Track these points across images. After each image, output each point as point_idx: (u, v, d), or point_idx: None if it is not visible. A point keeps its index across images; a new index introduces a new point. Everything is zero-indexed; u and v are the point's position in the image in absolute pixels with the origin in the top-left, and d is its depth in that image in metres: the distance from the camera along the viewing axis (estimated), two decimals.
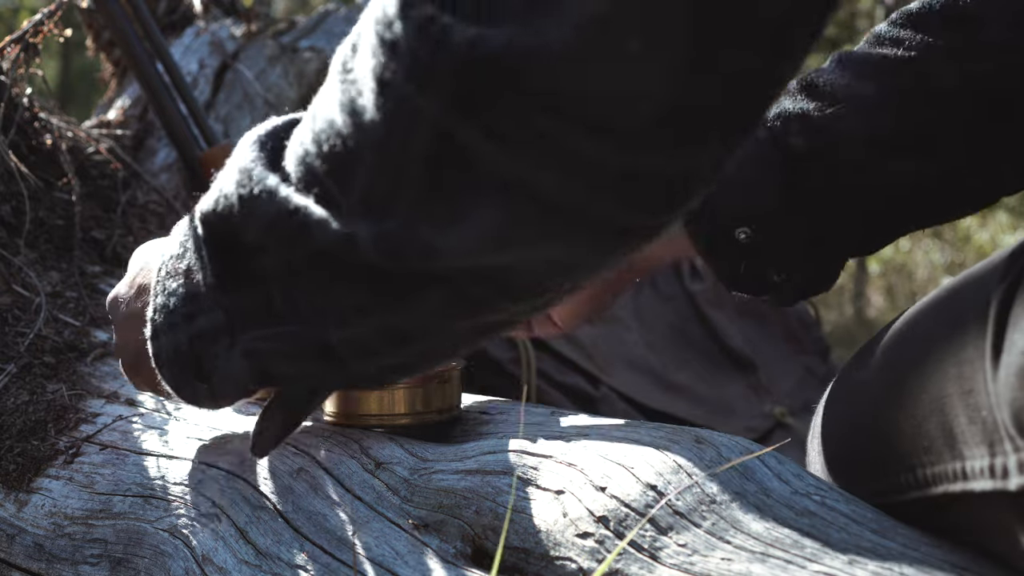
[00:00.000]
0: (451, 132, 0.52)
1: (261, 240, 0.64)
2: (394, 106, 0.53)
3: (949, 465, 0.65)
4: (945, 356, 0.65)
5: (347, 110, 0.56)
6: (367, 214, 0.57)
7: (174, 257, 0.72)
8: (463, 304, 0.61)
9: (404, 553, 0.77)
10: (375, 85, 0.54)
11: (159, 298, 0.73)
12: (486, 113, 0.51)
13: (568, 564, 0.71)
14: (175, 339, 0.73)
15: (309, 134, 0.60)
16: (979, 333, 0.61)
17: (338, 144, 0.57)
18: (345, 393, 0.93)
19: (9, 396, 1.09)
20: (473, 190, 0.54)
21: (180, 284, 0.71)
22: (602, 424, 0.85)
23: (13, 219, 1.30)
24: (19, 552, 0.99)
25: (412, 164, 0.54)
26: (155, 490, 0.95)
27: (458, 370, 0.96)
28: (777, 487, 0.72)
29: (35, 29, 1.38)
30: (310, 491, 0.85)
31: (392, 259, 0.58)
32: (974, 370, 0.61)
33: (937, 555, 0.65)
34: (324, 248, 0.60)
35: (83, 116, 1.87)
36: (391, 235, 0.57)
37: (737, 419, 1.93)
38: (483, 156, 0.52)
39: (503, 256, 0.57)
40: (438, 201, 0.55)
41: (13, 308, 1.20)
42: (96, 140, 1.55)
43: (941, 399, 0.65)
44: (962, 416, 0.63)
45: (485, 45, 0.49)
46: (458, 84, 0.50)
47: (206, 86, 1.75)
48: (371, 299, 0.61)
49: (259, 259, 0.65)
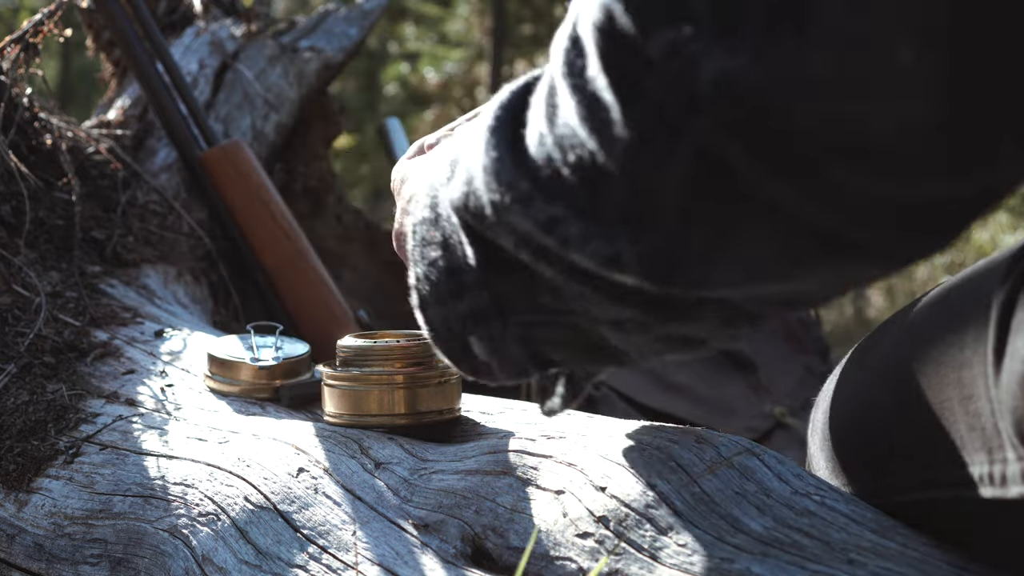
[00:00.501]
0: (713, 157, 0.48)
1: (518, 248, 0.59)
2: (649, 129, 0.50)
3: (947, 470, 0.64)
4: (945, 359, 0.64)
5: (591, 126, 0.52)
6: (628, 234, 0.53)
7: (426, 223, 0.66)
8: (741, 317, 0.58)
9: (404, 553, 0.77)
10: (620, 105, 0.50)
11: (419, 267, 0.68)
12: (748, 141, 0.48)
13: (568, 564, 0.71)
14: (444, 314, 0.67)
15: (550, 135, 0.56)
16: (979, 336, 0.60)
17: (586, 157, 0.53)
18: (345, 393, 0.93)
19: (9, 396, 1.09)
20: (736, 218, 0.50)
21: (439, 256, 0.66)
22: (602, 424, 0.85)
23: (13, 219, 1.30)
24: (19, 552, 0.99)
25: (672, 188, 0.51)
26: (155, 490, 0.95)
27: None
28: (777, 487, 0.72)
29: (35, 29, 1.38)
30: (310, 491, 0.85)
31: (661, 284, 0.54)
32: (974, 375, 0.61)
33: (936, 555, 0.65)
34: (586, 267, 0.56)
35: (83, 116, 1.87)
36: (657, 258, 0.53)
37: (737, 419, 1.93)
38: (747, 183, 0.49)
39: (769, 287, 0.54)
40: (701, 227, 0.51)
41: (13, 308, 1.20)
42: (96, 140, 1.55)
43: (941, 403, 0.64)
44: (962, 422, 0.62)
45: (741, 79, 0.46)
46: (717, 114, 0.47)
47: (206, 86, 1.75)
48: (644, 315, 0.57)
49: (519, 255, 0.61)
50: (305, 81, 1.86)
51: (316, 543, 0.81)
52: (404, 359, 0.93)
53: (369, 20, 2.02)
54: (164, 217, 1.51)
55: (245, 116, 1.75)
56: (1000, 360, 0.58)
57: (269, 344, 1.11)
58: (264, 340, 1.12)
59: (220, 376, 1.09)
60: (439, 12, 7.74)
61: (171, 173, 1.59)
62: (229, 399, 1.07)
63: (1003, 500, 0.60)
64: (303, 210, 1.86)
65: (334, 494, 0.84)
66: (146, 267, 1.42)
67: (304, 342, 1.15)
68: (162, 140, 1.63)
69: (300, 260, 1.57)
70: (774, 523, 0.68)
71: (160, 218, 1.51)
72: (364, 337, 0.95)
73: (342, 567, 0.78)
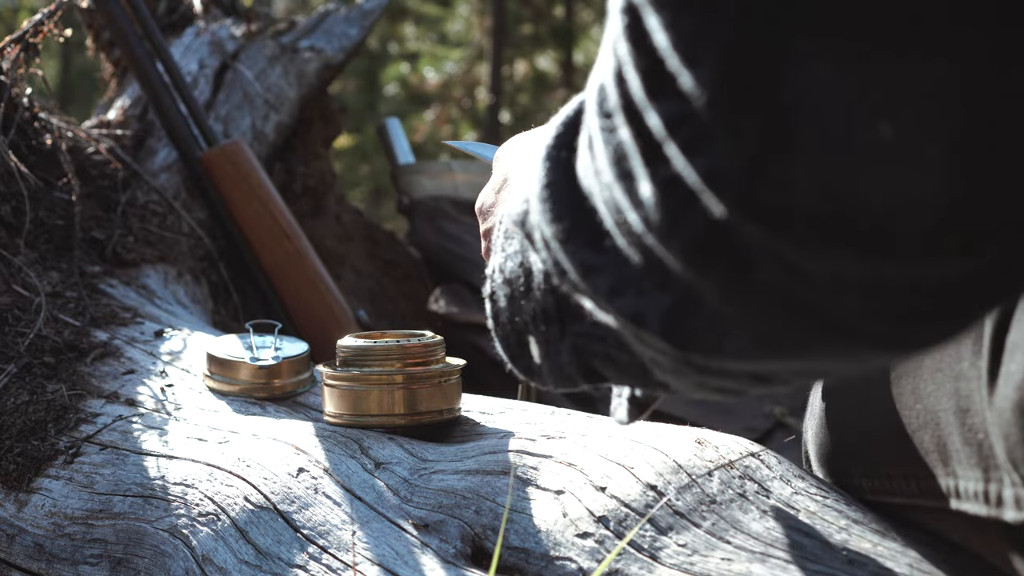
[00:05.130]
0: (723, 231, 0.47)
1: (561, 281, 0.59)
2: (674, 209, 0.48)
3: (942, 480, 0.64)
4: (941, 367, 0.64)
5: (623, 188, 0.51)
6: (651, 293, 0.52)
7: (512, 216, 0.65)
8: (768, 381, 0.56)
9: (404, 553, 0.77)
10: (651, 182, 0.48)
11: (497, 256, 0.68)
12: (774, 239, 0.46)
13: (568, 564, 0.71)
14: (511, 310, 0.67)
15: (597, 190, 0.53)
16: (977, 350, 0.60)
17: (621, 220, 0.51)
18: (345, 393, 0.93)
19: (9, 396, 1.09)
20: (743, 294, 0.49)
21: (516, 251, 0.66)
22: (602, 424, 0.85)
23: (13, 219, 1.30)
24: (19, 552, 0.99)
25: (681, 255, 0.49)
26: (155, 490, 0.95)
27: (458, 370, 0.96)
28: (777, 487, 0.72)
29: (35, 29, 1.38)
30: (310, 491, 0.85)
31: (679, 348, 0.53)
32: (970, 390, 0.60)
33: (936, 555, 0.65)
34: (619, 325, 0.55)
35: (83, 116, 1.87)
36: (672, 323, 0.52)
37: (737, 419, 1.93)
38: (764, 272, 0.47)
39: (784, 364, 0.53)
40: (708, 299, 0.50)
41: (13, 308, 1.20)
42: (96, 140, 1.55)
43: (936, 412, 0.64)
44: (956, 435, 0.62)
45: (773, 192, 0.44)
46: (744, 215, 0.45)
47: (206, 86, 1.75)
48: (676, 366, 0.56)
49: None
50: (305, 81, 1.86)
51: (316, 543, 0.81)
52: (404, 359, 0.93)
53: (369, 20, 2.02)
54: (164, 217, 1.51)
55: (245, 116, 1.75)
56: (994, 381, 0.57)
57: (268, 344, 1.11)
58: (263, 340, 1.12)
59: (220, 376, 1.09)
60: (439, 12, 7.74)
61: (171, 173, 1.59)
62: (229, 399, 1.07)
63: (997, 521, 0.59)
64: (303, 210, 1.86)
65: (334, 494, 0.84)
66: (146, 267, 1.42)
67: (303, 341, 1.15)
68: (162, 140, 1.63)
69: (300, 260, 1.57)
70: (774, 523, 0.68)
71: (160, 218, 1.51)
72: (364, 337, 0.95)
73: (342, 567, 0.78)
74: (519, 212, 0.62)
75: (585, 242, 0.55)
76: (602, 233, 0.53)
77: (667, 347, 0.53)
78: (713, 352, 0.52)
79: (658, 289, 0.52)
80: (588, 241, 0.54)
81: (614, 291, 0.54)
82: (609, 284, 0.54)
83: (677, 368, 0.56)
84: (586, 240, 0.55)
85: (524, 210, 0.61)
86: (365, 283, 1.99)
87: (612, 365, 0.62)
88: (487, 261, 0.77)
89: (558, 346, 0.65)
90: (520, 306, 0.66)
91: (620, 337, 0.59)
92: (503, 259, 0.67)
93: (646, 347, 0.56)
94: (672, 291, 0.51)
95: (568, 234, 0.55)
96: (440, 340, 0.96)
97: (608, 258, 0.53)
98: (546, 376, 0.68)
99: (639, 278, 0.52)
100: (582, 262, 0.55)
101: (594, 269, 0.54)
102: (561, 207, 0.56)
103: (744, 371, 0.54)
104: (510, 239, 0.67)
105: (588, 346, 0.63)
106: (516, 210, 0.62)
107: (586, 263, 0.55)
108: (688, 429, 0.80)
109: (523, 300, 0.65)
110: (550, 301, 0.63)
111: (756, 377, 0.55)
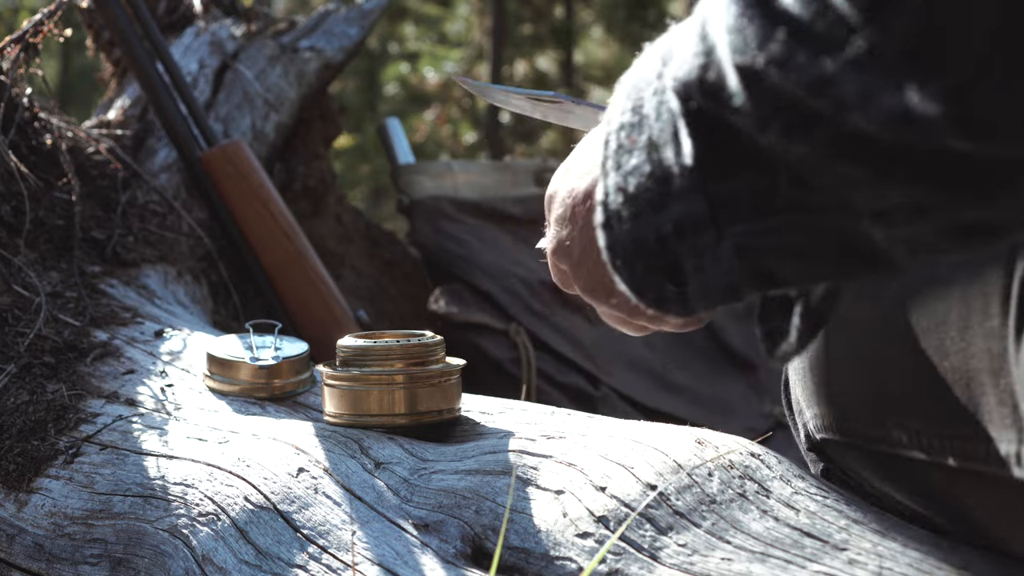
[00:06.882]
0: None
1: (765, 119, 0.51)
2: None
3: (970, 443, 0.62)
4: (969, 323, 0.61)
5: None
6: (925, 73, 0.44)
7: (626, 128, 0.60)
8: None
9: (404, 553, 0.77)
10: None
11: (611, 177, 0.61)
12: None
13: (568, 564, 0.71)
14: (638, 229, 0.60)
15: None
16: (1005, 308, 0.57)
17: None
18: (345, 393, 0.93)
19: (9, 396, 1.09)
20: None
21: (642, 161, 0.59)
22: (602, 424, 0.85)
23: (13, 219, 1.30)
24: (19, 552, 0.99)
25: None
26: (155, 490, 0.95)
27: (458, 370, 0.96)
28: (777, 487, 0.72)
29: (35, 29, 1.38)
30: (310, 491, 0.85)
31: (979, 141, 0.44)
32: (1003, 348, 0.58)
33: (936, 554, 0.65)
34: (862, 131, 0.47)
35: (83, 116, 1.87)
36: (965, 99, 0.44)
37: (737, 419, 1.93)
38: None
39: None
40: None
41: (13, 308, 1.20)
42: (96, 140, 1.55)
43: (967, 371, 0.61)
44: (991, 395, 0.60)
45: None
46: None
47: (206, 86, 1.75)
48: (934, 195, 0.48)
49: (761, 139, 0.52)
50: (305, 81, 1.86)
51: (316, 543, 0.81)
52: (404, 359, 0.93)
53: (369, 20, 2.02)
54: (164, 217, 1.51)
55: (245, 116, 1.75)
56: (1020, 338, 0.55)
57: (268, 344, 1.11)
58: (263, 340, 1.12)
59: (220, 376, 1.09)
60: (439, 12, 7.74)
61: (171, 173, 1.59)
62: (229, 399, 1.07)
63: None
64: (303, 210, 1.86)
65: (334, 494, 0.84)
66: (146, 267, 1.42)
67: (303, 341, 1.15)
68: (162, 140, 1.63)
69: (300, 260, 1.57)
70: (774, 523, 0.68)
71: (160, 218, 1.51)
72: (364, 337, 0.95)
73: (342, 567, 0.78)
74: (686, 73, 0.54)
75: (811, 56, 0.48)
76: (829, 43, 0.47)
77: (959, 143, 0.45)
78: None
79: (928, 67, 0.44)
80: (814, 54, 0.47)
81: (865, 95, 0.46)
82: (856, 89, 0.46)
83: (932, 202, 0.48)
84: (811, 54, 0.48)
85: (700, 65, 0.53)
86: (365, 283, 1.99)
87: (792, 254, 0.55)
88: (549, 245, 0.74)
89: (715, 253, 0.57)
90: (652, 222, 0.59)
91: (813, 216, 0.53)
92: (620, 179, 0.60)
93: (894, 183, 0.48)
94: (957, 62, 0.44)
95: (786, 52, 0.48)
96: (440, 340, 0.96)
97: (845, 65, 0.47)
98: (693, 295, 0.60)
99: (896, 68, 0.45)
100: (816, 76, 0.48)
101: (830, 79, 0.47)
102: (768, 26, 0.49)
103: None
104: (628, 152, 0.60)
105: (757, 243, 0.56)
106: (680, 73, 0.55)
107: (822, 76, 0.47)
108: (688, 429, 0.80)
109: (656, 214, 0.58)
110: (700, 206, 0.56)
111: None
